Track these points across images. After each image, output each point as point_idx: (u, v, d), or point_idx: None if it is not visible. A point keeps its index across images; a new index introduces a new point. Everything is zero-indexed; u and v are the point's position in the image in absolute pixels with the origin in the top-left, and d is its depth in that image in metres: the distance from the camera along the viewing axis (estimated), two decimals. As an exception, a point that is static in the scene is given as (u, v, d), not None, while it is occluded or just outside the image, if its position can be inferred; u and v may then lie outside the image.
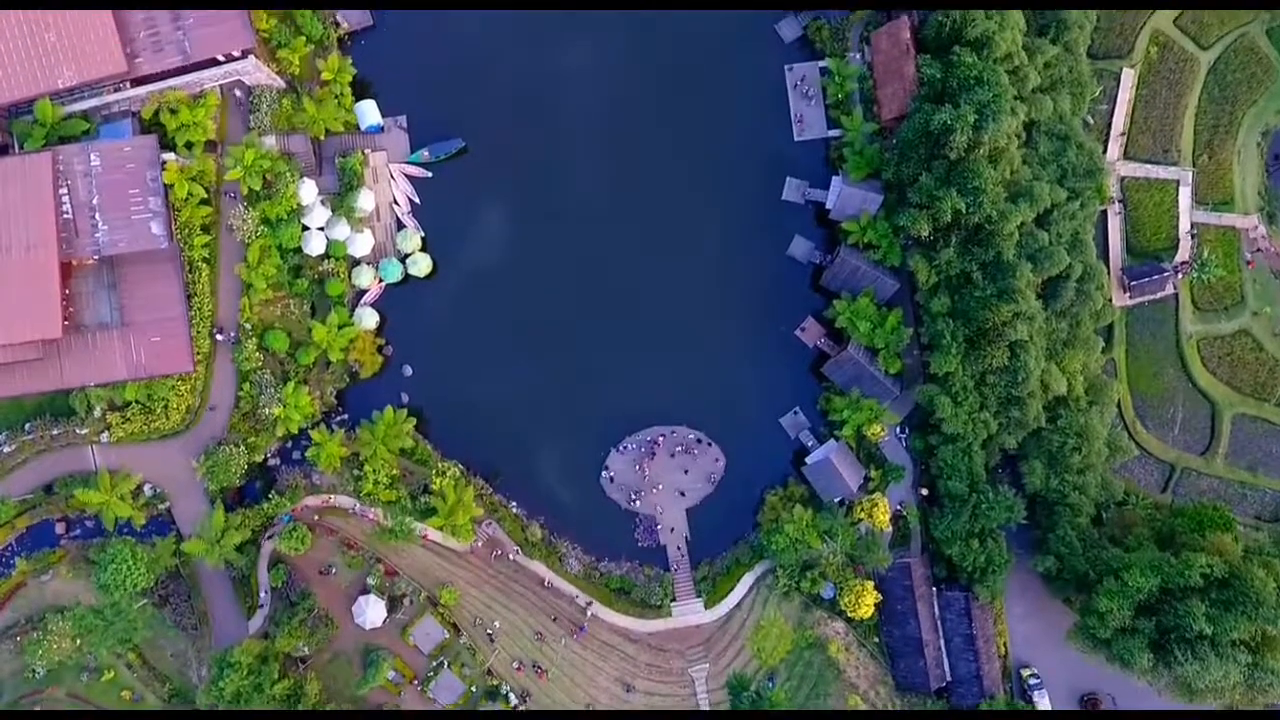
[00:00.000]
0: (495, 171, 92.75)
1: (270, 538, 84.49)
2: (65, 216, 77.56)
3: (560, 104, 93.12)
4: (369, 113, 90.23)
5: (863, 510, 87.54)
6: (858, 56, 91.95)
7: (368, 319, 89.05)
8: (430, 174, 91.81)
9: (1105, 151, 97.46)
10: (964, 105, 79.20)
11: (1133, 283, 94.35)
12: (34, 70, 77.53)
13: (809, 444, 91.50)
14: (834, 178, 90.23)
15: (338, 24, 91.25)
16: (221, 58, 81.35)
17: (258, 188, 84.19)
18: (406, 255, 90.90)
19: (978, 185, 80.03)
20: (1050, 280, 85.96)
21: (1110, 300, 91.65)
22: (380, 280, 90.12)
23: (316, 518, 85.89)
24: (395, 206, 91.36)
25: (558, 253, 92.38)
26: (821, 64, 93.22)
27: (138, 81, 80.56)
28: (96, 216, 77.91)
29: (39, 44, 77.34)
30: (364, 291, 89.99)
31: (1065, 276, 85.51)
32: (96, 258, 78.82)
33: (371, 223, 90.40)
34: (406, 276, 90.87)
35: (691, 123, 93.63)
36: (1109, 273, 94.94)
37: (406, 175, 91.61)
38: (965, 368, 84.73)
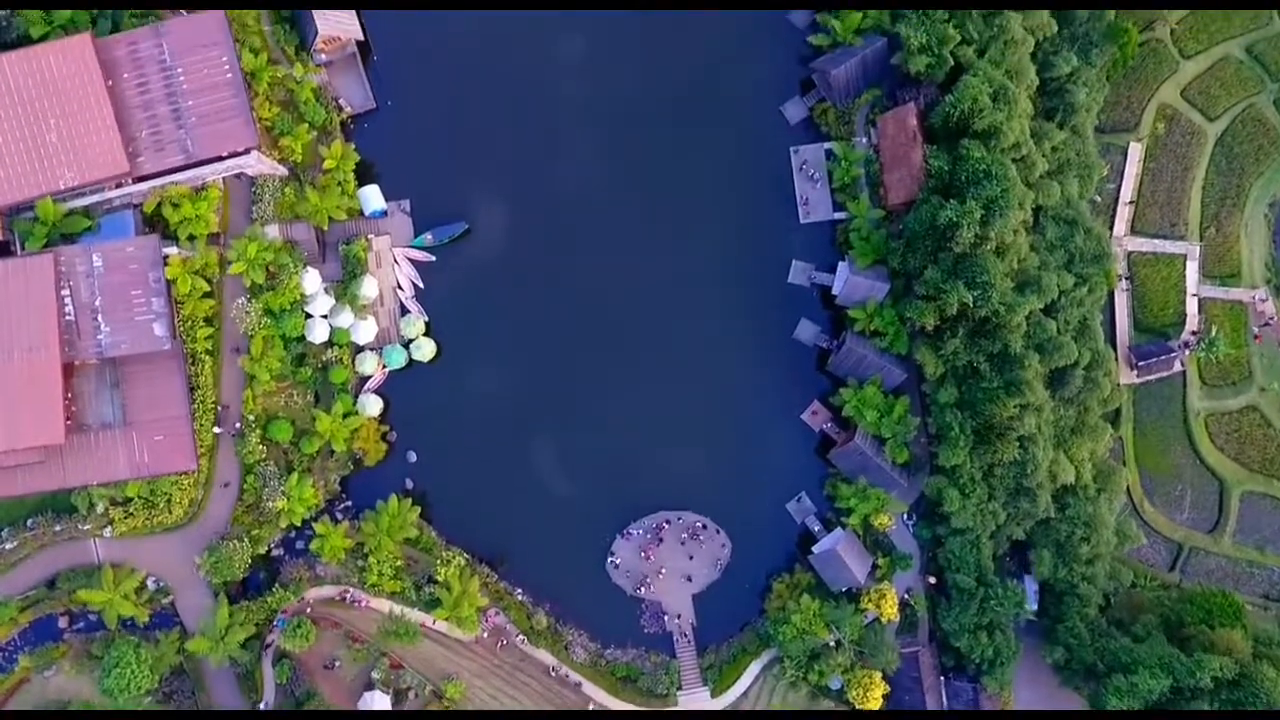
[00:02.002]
0: (498, 254, 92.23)
1: (270, 646, 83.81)
2: (67, 318, 76.97)
3: (564, 186, 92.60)
4: (372, 198, 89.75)
5: (870, 600, 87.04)
6: (864, 140, 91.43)
7: (371, 406, 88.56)
8: (434, 258, 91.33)
9: (1112, 228, 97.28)
10: (971, 201, 78.65)
11: (1140, 362, 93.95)
12: (35, 171, 76.91)
13: (815, 529, 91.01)
14: (840, 264, 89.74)
15: (340, 108, 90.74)
16: (224, 153, 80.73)
17: (261, 280, 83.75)
18: (410, 340, 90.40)
19: (985, 280, 79.52)
20: (1058, 367, 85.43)
21: (1118, 385, 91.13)
22: (384, 367, 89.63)
23: (308, 610, 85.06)
24: (399, 291, 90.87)
25: (562, 337, 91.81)
26: (827, 146, 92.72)
27: (140, 178, 79.86)
28: (99, 318, 77.33)
29: (40, 145, 76.76)
30: (367, 378, 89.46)
31: (1073, 365, 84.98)
32: (99, 359, 78.16)
33: (375, 309, 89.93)
34: (410, 361, 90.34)
35: (696, 204, 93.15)
36: (1116, 351, 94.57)
37: (410, 260, 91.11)
38: (973, 459, 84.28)
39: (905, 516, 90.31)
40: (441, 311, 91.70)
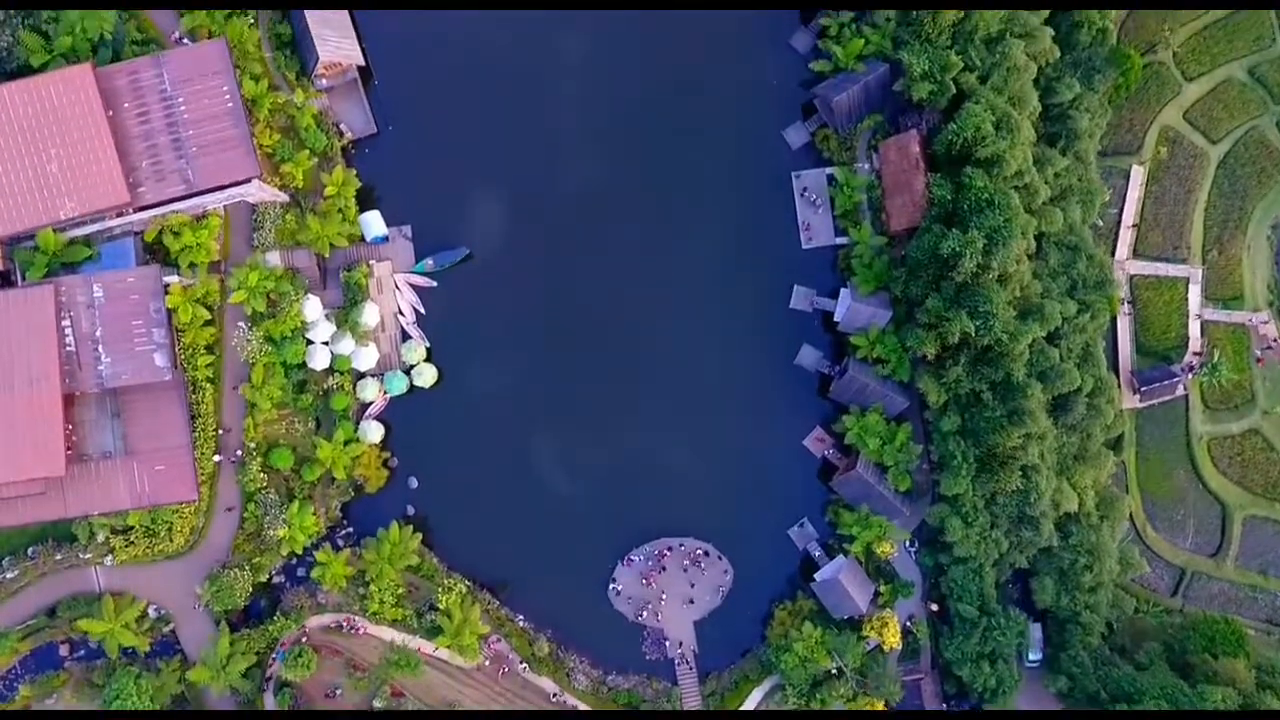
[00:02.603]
0: (499, 279, 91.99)
1: (270, 679, 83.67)
2: (68, 349, 76.92)
3: (565, 211, 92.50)
4: (374, 224, 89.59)
5: (872, 628, 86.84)
6: (865, 166, 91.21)
7: (373, 433, 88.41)
8: (435, 283, 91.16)
9: (1114, 251, 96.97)
10: (973, 230, 78.42)
11: (1143, 387, 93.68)
12: (36, 202, 76.79)
13: (816, 554, 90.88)
14: (843, 290, 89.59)
15: (341, 133, 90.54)
16: (225, 183, 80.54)
17: (262, 308, 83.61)
18: (411, 366, 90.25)
19: (988, 309, 79.30)
20: (1061, 394, 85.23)
21: (1121, 412, 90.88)
22: (385, 393, 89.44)
23: (304, 640, 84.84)
24: (400, 317, 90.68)
25: (563, 362, 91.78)
26: (828, 171, 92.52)
27: (141, 207, 79.66)
28: (100, 349, 77.24)
29: (41, 175, 76.62)
30: (369, 404, 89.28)
31: (1076, 391, 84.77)
32: (100, 389, 78.02)
33: (376, 335, 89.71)
34: (412, 387, 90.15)
35: (698, 229, 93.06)
36: (1119, 375, 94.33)
37: (411, 285, 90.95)
38: (976, 487, 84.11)
39: (908, 543, 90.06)
40: (443, 337, 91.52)
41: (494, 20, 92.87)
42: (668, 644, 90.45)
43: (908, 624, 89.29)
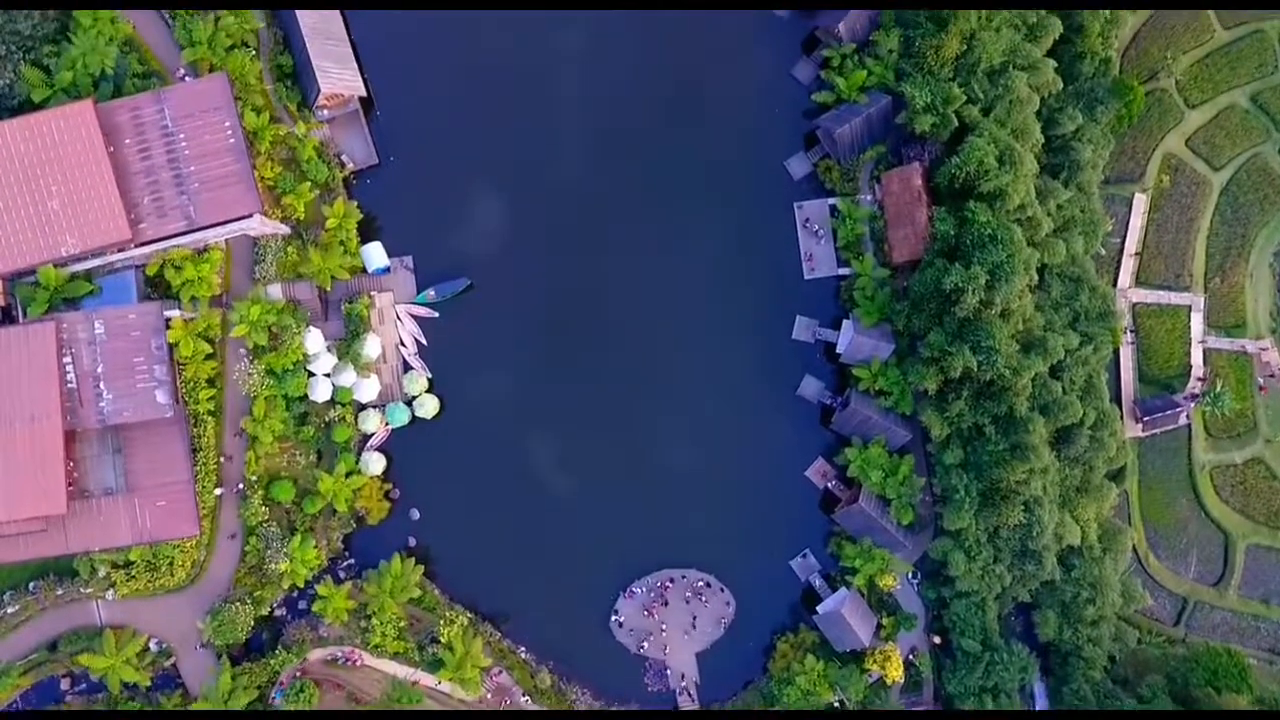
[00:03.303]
0: (501, 309, 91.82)
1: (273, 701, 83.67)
2: (69, 386, 76.65)
3: (567, 242, 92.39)
4: (375, 256, 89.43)
5: (874, 661, 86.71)
6: (868, 198, 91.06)
7: (374, 465, 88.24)
8: (437, 314, 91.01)
9: (1117, 279, 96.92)
10: (976, 266, 78.32)
11: (1146, 417, 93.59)
12: (38, 239, 76.60)
13: (818, 586, 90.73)
14: (845, 322, 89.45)
15: (343, 164, 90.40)
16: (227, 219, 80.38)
17: (263, 342, 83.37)
18: (413, 397, 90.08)
19: (990, 345, 79.20)
20: (1063, 427, 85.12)
21: (1124, 444, 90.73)
22: (387, 425, 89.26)
23: (299, 674, 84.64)
24: (402, 348, 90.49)
25: (565, 392, 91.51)
26: (831, 201, 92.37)
27: (142, 243, 79.51)
28: (101, 385, 77.02)
29: (42, 212, 76.45)
30: (370, 435, 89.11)
31: (1079, 424, 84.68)
32: (101, 426, 77.86)
33: (378, 366, 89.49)
34: (413, 418, 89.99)
35: (700, 258, 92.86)
36: (1121, 404, 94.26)
37: (413, 316, 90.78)
38: (978, 521, 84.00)
39: (910, 575, 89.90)
40: (444, 367, 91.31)
41: (494, 50, 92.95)
42: (670, 676, 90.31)
43: (910, 657, 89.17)
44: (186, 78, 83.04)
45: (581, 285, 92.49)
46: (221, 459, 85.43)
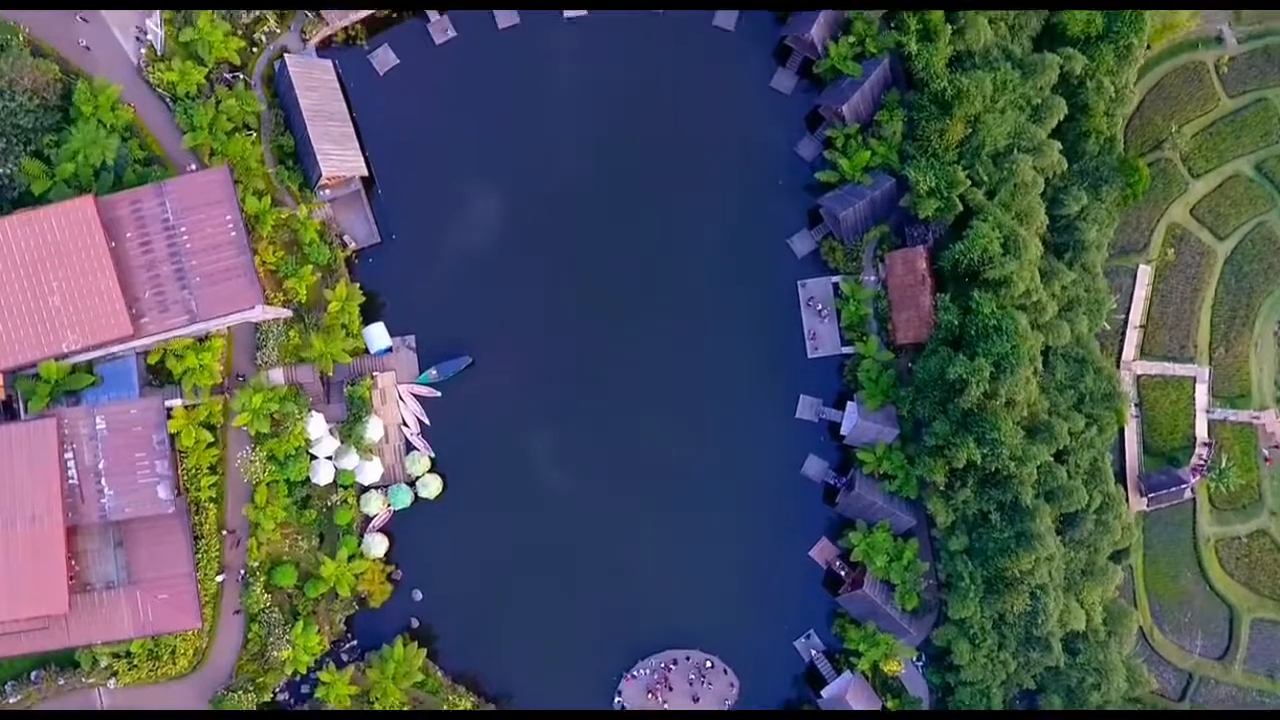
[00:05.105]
0: (503, 387, 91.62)
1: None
2: (70, 482, 76.29)
3: (570, 321, 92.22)
4: (377, 337, 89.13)
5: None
6: (871, 278, 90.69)
7: (377, 547, 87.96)
8: (440, 394, 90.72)
9: (1121, 352, 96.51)
10: (980, 358, 78.00)
11: (1151, 493, 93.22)
12: (38, 335, 76.18)
13: (821, 666, 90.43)
14: (849, 403, 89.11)
15: (344, 244, 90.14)
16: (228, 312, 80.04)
17: (265, 429, 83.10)
18: (416, 478, 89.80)
19: (995, 437, 78.92)
20: (1068, 512, 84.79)
21: (1129, 526, 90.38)
22: (389, 506, 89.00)
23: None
24: (404, 429, 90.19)
25: (568, 470, 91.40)
26: (834, 280, 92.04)
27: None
28: (102, 481, 76.62)
29: (43, 308, 76.02)
30: (373, 517, 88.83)
31: (1084, 509, 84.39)
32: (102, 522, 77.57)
33: (380, 447, 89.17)
34: (416, 499, 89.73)
35: (703, 335, 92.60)
36: (1126, 478, 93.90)
37: (415, 396, 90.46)
38: (984, 609, 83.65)
39: (915, 659, 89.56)
40: (447, 446, 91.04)
41: (496, 127, 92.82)
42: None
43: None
44: (193, 169, 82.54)
45: (584, 364, 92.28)
46: (224, 547, 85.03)
